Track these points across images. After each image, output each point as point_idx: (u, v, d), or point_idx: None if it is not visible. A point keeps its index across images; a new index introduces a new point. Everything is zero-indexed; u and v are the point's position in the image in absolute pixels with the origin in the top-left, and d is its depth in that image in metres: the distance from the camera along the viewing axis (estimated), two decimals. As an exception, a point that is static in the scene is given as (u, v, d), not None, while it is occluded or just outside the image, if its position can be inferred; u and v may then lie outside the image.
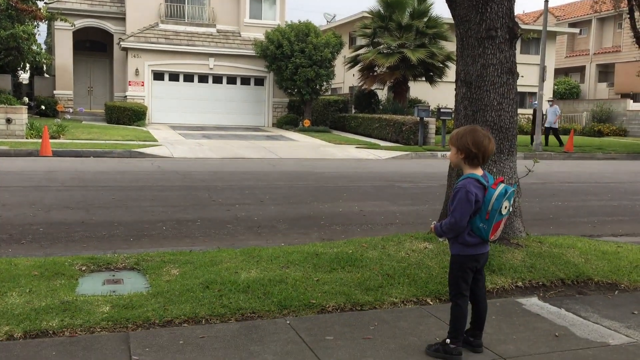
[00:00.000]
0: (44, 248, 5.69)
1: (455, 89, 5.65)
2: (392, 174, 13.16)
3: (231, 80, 26.84)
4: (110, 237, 6.22)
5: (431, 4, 24.30)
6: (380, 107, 25.50)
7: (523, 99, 29.97)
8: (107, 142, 16.60)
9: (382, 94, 26.81)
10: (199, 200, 8.62)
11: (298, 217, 7.71)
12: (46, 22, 23.02)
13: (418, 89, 26.62)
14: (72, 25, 23.25)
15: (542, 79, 20.55)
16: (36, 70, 30.92)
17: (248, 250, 5.17)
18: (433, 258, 4.93)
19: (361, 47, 25.78)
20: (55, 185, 9.52)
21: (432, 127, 20.46)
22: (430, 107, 21.75)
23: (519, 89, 6.13)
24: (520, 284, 4.63)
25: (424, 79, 24.85)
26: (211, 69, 26.12)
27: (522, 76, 7.98)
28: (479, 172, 3.23)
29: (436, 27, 23.99)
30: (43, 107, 24.06)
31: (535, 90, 23.76)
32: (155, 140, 17.91)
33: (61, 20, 20.62)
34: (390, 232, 6.64)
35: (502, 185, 3.18)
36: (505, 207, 3.18)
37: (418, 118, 19.86)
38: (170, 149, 16.32)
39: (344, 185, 10.93)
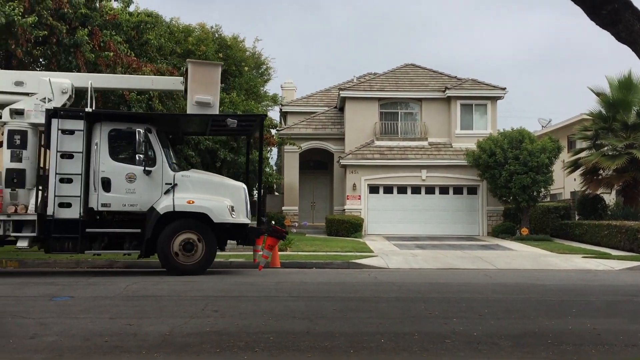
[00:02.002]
0: (274, 356, 6.11)
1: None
2: (628, 287, 11.77)
3: (443, 190, 27.05)
4: (332, 348, 6.46)
5: (662, 99, 22.38)
6: (609, 212, 23.41)
7: None
8: (327, 253, 17.59)
9: (610, 198, 24.69)
10: (415, 313, 8.59)
11: (521, 333, 7.23)
12: (277, 146, 26.02)
13: (653, 191, 23.97)
14: (299, 148, 25.90)
15: None
16: (268, 189, 34.63)
17: (469, 368, 4.97)
18: (690, 390, 4.23)
19: (581, 150, 24.43)
20: (283, 295, 10.27)
21: (675, 234, 18.08)
22: (671, 211, 19.37)
23: None
24: None
25: (659, 180, 22.44)
26: (423, 180, 26.70)
27: None
28: None
29: (671, 123, 21.88)
30: (273, 222, 26.58)
31: None
32: (371, 251, 18.49)
33: (290, 144, 23.17)
34: (632, 355, 5.89)
35: None
36: None
37: (656, 223, 17.75)
38: (385, 259, 16.69)
39: (572, 299, 10.03)
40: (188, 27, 21.94)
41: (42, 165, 13.17)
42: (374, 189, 26.95)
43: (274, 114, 40.94)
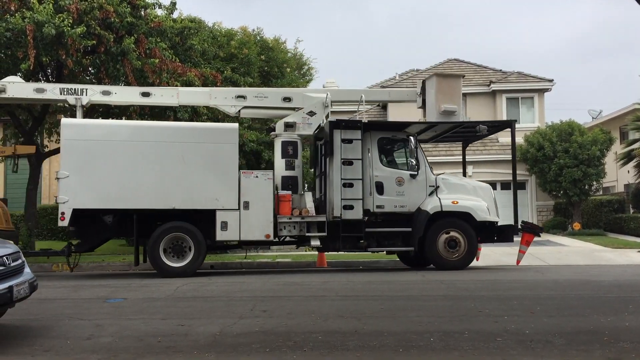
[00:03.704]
0: (323, 356, 6.13)
1: None
2: (689, 282, 11.31)
3: (491, 186, 26.51)
4: (381, 347, 6.44)
5: None
6: (666, 204, 22.55)
7: None
8: (374, 252, 17.49)
9: (667, 190, 23.75)
10: (464, 311, 8.46)
11: (575, 331, 7.04)
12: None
13: None
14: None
15: None
16: (309, 187, 34.70)
17: (521, 367, 4.87)
18: None
19: (635, 141, 23.65)
20: (331, 295, 10.28)
21: None
22: None
23: None
24: None
25: None
26: (470, 176, 26.23)
27: None
28: None
29: None
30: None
31: None
32: (418, 250, 18.28)
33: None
34: (694, 353, 5.65)
35: None
36: None
37: None
38: (432, 257, 16.49)
39: (628, 296, 9.71)
40: (230, 31, 22.20)
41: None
42: (419, 187, 26.64)
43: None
